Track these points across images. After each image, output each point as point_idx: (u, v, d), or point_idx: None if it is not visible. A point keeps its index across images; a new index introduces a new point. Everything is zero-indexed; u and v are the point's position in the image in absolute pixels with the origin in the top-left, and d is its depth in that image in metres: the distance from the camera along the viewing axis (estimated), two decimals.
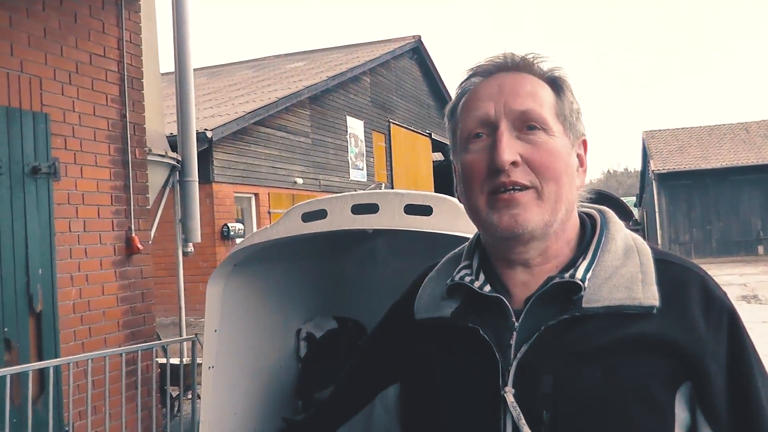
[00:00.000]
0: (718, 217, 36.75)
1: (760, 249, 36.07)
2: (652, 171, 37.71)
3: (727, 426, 1.45)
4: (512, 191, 1.51)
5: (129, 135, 7.64)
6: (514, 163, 1.50)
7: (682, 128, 42.46)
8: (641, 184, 48.34)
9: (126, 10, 7.76)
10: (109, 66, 7.48)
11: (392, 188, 24.49)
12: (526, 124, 1.54)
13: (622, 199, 51.99)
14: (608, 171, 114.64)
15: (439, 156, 35.14)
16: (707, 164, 36.93)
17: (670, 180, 37.29)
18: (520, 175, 1.51)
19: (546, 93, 1.59)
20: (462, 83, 1.67)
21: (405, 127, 29.10)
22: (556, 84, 1.62)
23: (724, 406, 1.45)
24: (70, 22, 6.99)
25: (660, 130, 42.64)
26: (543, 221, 1.52)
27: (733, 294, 19.57)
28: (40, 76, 6.54)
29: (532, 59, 1.61)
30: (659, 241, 37.03)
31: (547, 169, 1.52)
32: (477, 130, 1.57)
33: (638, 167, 53.53)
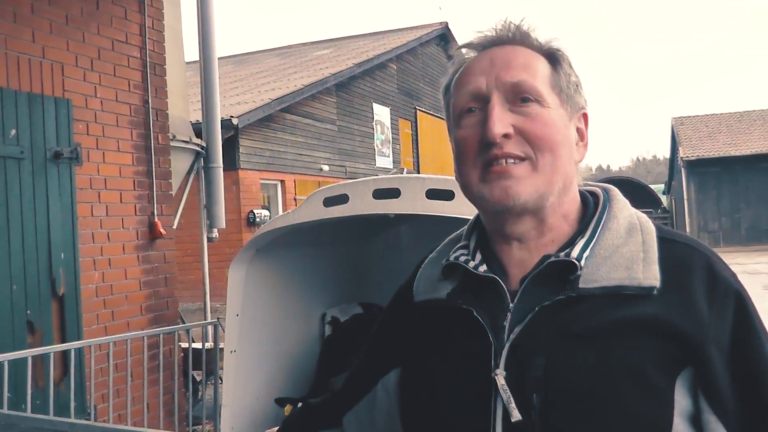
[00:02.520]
0: (748, 205, 36.37)
1: None
2: (681, 158, 37.39)
3: (733, 411, 1.39)
4: (505, 163, 1.47)
5: (152, 121, 7.68)
6: (506, 136, 1.46)
7: (712, 114, 42.03)
8: (670, 171, 47.96)
9: None
10: (132, 52, 7.51)
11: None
12: (519, 96, 1.50)
13: (650, 186, 51.97)
14: (637, 158, 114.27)
15: None
16: (737, 151, 36.50)
17: (699, 167, 36.95)
18: (513, 147, 1.47)
19: (541, 64, 1.55)
20: (455, 58, 1.64)
21: (432, 114, 29.01)
22: (552, 56, 1.57)
23: (728, 391, 1.39)
24: (92, 8, 7.03)
25: (689, 117, 42.25)
26: (537, 192, 1.47)
27: (761, 283, 19.40)
28: (62, 62, 6.59)
29: (527, 31, 1.57)
30: (687, 229, 36.75)
31: (542, 140, 1.48)
32: (469, 104, 1.54)
33: (667, 154, 53.12)
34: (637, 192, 42.32)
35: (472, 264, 1.57)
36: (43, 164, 6.27)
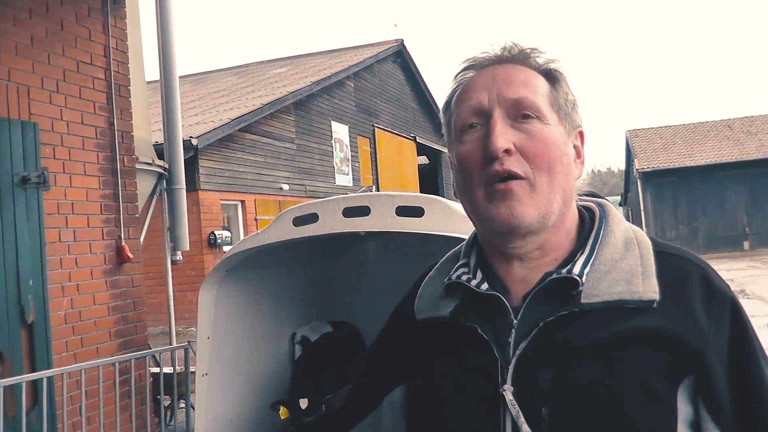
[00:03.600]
0: (704, 213, 36.88)
1: (746, 244, 36.24)
2: (637, 170, 37.81)
3: (731, 418, 1.43)
4: (508, 181, 1.49)
5: (117, 143, 7.62)
6: (507, 151, 1.48)
7: (666, 126, 42.62)
8: (626, 183, 48.49)
9: (112, 16, 7.74)
10: (96, 73, 7.46)
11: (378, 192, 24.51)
12: (520, 113, 1.52)
13: (607, 198, 52.42)
14: (592, 170, 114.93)
15: (424, 159, 35.18)
16: (692, 161, 37.05)
17: (655, 178, 37.40)
18: (513, 164, 1.49)
19: (540, 83, 1.58)
20: (456, 76, 1.66)
21: (390, 131, 29.12)
22: (551, 75, 1.61)
23: (727, 398, 1.43)
24: (56, 29, 6.96)
25: (643, 129, 42.78)
26: (539, 213, 1.50)
27: None
28: (28, 85, 6.52)
29: (528, 52, 1.61)
30: None
31: (541, 159, 1.50)
32: (471, 119, 1.56)
33: (622, 166, 53.69)
34: None
35: (474, 282, 1.59)
36: (11, 189, 6.17)
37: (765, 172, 36.48)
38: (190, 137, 16.28)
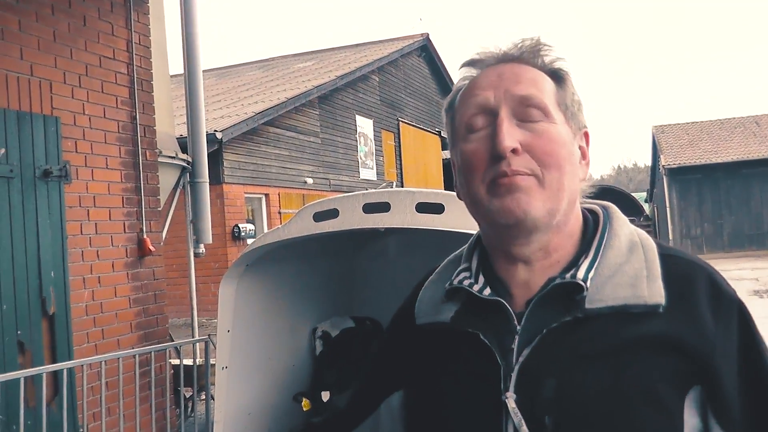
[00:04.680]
0: (730, 211, 36.53)
1: None
2: (663, 166, 37.52)
3: (739, 423, 1.41)
4: (514, 175, 1.45)
5: (139, 137, 7.67)
6: (514, 151, 1.45)
7: (692, 122, 42.27)
8: (651, 179, 48.17)
9: (135, 11, 7.79)
10: (119, 68, 7.51)
11: (402, 187, 24.53)
12: (527, 112, 1.50)
13: (632, 194, 52.15)
14: (618, 167, 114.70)
15: (448, 154, 35.07)
16: (718, 158, 36.67)
17: (681, 174, 37.10)
18: (520, 163, 1.45)
19: (547, 82, 1.55)
20: (461, 74, 1.63)
21: (414, 126, 29.06)
22: (557, 75, 1.57)
23: (735, 402, 1.40)
24: (79, 25, 7.01)
25: (670, 125, 42.47)
26: (545, 208, 1.46)
27: (745, 288, 19.46)
28: (50, 80, 6.57)
29: (533, 50, 1.57)
30: (670, 236, 36.90)
31: (549, 157, 1.47)
32: (477, 118, 1.53)
33: (648, 162, 53.42)
34: (619, 200, 42.18)
35: (476, 287, 1.57)
36: (32, 183, 6.24)
37: None
38: (215, 131, 16.32)
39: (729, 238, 36.41)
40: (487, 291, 1.55)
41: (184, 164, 9.11)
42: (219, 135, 16.50)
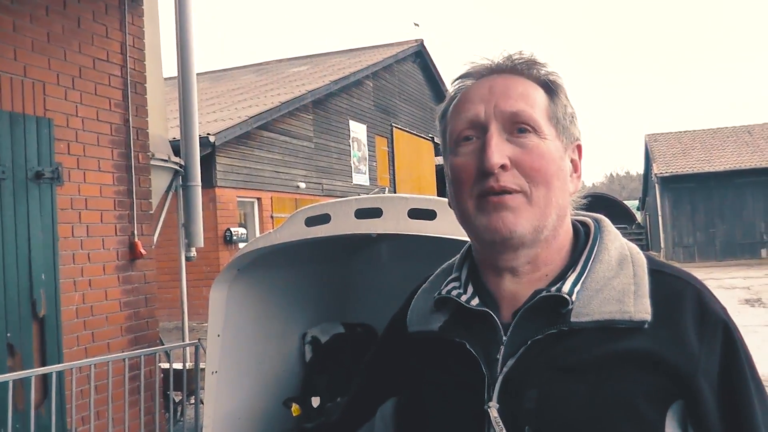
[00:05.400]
0: (722, 220, 36.65)
1: (764, 252, 35.97)
2: (655, 174, 37.62)
3: None
4: (502, 194, 1.47)
5: (132, 139, 7.65)
6: (503, 167, 1.46)
7: (685, 131, 42.40)
8: (644, 187, 48.27)
9: (129, 14, 7.77)
10: (113, 70, 7.49)
11: (395, 192, 24.56)
12: (517, 127, 1.50)
13: (625, 202, 52.28)
14: (611, 174, 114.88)
15: (441, 160, 35.16)
16: (711, 167, 36.81)
17: (674, 183, 37.21)
18: (509, 179, 1.46)
19: (539, 95, 1.55)
20: (453, 84, 1.64)
21: (408, 131, 29.10)
22: (549, 87, 1.57)
23: (716, 423, 1.41)
24: (73, 26, 6.99)
25: (663, 133, 42.58)
26: (532, 226, 1.47)
27: (737, 298, 19.52)
28: (43, 81, 6.55)
29: (526, 62, 1.58)
30: (662, 245, 37.04)
31: (537, 173, 1.48)
32: (466, 131, 1.54)
33: (641, 170, 53.51)
34: (611, 208, 42.68)
35: (464, 298, 1.58)
36: (24, 184, 6.21)
37: None
38: (208, 134, 16.34)
39: (721, 248, 36.51)
40: (475, 301, 1.56)
41: (177, 167, 9.09)
42: (212, 138, 16.51)
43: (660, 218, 37.76)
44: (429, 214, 3.49)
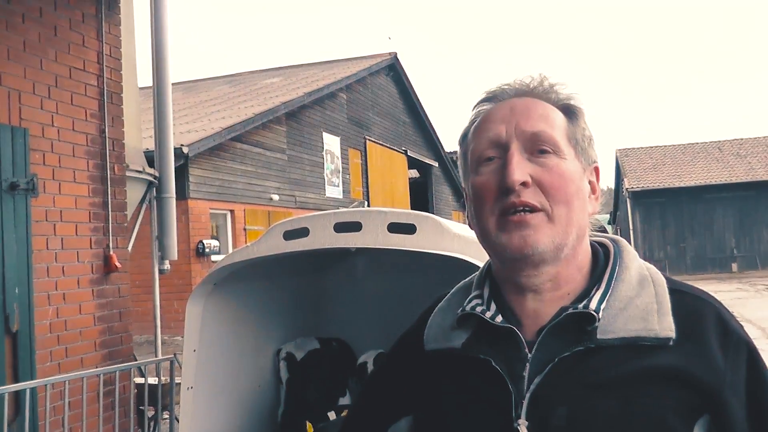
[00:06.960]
0: (693, 235, 37.08)
1: (734, 266, 36.43)
2: (626, 189, 38.00)
3: None
4: (523, 212, 1.49)
5: (108, 151, 7.56)
6: (524, 184, 1.49)
7: (656, 146, 42.91)
8: (615, 201, 48.72)
9: (106, 23, 7.69)
10: (89, 80, 7.41)
11: (368, 205, 24.56)
12: (538, 147, 1.53)
13: (596, 217, 52.62)
14: None
15: (414, 173, 35.24)
16: (681, 182, 37.29)
17: (644, 198, 37.60)
18: (530, 196, 1.49)
19: (558, 117, 1.58)
20: (475, 108, 1.67)
21: (381, 144, 29.16)
22: (569, 110, 1.61)
23: None
24: (50, 35, 6.91)
25: (634, 148, 43.04)
26: (553, 243, 1.49)
27: None
28: (19, 90, 6.46)
29: (547, 86, 1.62)
30: None
31: (558, 191, 1.50)
32: (488, 151, 1.56)
33: (612, 185, 53.90)
34: None
35: (488, 314, 1.58)
36: None
37: (753, 195, 36.80)
38: (181, 145, 16.25)
39: (692, 262, 36.91)
40: (499, 318, 1.57)
41: (151, 179, 9.02)
42: (185, 150, 16.43)
43: (631, 232, 38.08)
44: (409, 228, 3.47)
